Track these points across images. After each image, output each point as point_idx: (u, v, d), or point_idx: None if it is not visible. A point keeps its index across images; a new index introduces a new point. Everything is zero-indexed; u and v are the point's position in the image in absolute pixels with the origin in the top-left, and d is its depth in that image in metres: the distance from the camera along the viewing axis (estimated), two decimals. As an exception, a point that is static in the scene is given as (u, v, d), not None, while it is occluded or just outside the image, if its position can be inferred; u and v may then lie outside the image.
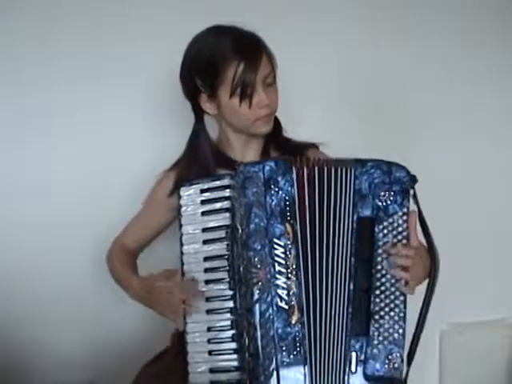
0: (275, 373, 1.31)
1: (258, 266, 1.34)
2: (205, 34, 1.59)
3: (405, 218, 1.37)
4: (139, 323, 2.02)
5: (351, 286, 1.36)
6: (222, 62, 1.52)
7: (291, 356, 1.31)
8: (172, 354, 1.65)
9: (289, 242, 1.35)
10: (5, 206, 2.05)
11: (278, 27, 2.06)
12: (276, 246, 1.35)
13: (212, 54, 1.54)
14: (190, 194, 1.50)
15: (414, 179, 1.39)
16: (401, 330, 1.36)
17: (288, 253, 1.34)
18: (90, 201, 2.07)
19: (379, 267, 1.36)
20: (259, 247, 1.35)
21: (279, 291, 1.33)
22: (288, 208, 1.36)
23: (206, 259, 1.47)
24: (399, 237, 1.37)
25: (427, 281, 1.43)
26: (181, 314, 1.46)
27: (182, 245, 1.50)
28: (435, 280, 1.43)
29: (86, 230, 2.06)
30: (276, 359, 1.31)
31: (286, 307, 1.33)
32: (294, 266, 1.34)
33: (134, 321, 1.97)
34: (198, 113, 1.68)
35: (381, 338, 1.35)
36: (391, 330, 1.35)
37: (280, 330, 1.32)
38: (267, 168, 1.38)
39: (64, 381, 2.09)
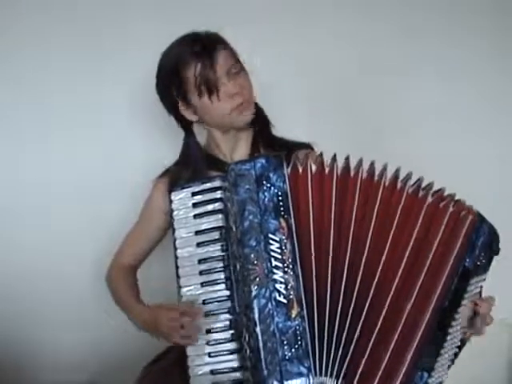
0: (278, 367, 1.27)
1: (255, 262, 1.31)
2: (169, 47, 1.65)
3: (482, 283, 1.41)
4: None
5: (436, 322, 1.35)
6: (182, 67, 1.59)
7: (293, 350, 1.27)
8: (173, 355, 1.62)
9: (284, 237, 1.31)
10: (5, 208, 2.04)
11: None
12: (271, 242, 1.31)
13: (174, 63, 1.61)
14: (182, 198, 1.48)
15: (498, 252, 1.42)
16: (445, 377, 1.38)
17: (283, 247, 1.31)
18: (89, 204, 2.07)
19: (457, 316, 1.37)
20: (254, 243, 1.32)
21: (277, 286, 1.29)
22: (281, 203, 1.33)
23: (200, 261, 1.44)
24: (476, 296, 1.40)
25: None
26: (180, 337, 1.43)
27: (175, 249, 1.46)
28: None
29: (85, 230, 2.06)
30: (278, 354, 1.27)
31: (285, 301, 1.29)
32: (291, 260, 1.31)
33: None
34: (184, 123, 1.71)
35: (433, 379, 1.35)
36: (441, 373, 1.37)
37: (280, 325, 1.28)
38: (258, 165, 1.35)
39: (64, 381, 2.06)
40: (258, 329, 1.30)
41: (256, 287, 1.31)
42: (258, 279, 1.31)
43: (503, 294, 2.28)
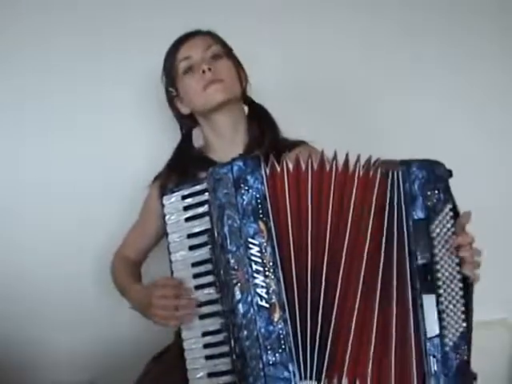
0: (262, 373, 1.25)
1: (236, 267, 1.28)
2: None
3: (451, 213, 1.33)
4: (139, 323, 1.91)
5: (418, 290, 1.31)
6: (170, 59, 1.71)
7: (277, 354, 1.25)
8: (173, 353, 1.60)
9: (263, 240, 1.28)
10: (5, 208, 2.04)
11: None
12: (251, 246, 1.28)
13: (166, 59, 1.73)
14: (173, 202, 1.46)
15: (450, 174, 1.36)
16: (464, 324, 1.31)
17: (264, 251, 1.28)
18: (89, 204, 2.06)
19: (438, 267, 1.32)
20: (235, 248, 1.29)
21: (258, 290, 1.27)
22: (260, 206, 1.30)
23: (193, 265, 1.43)
24: (449, 233, 1.33)
25: None
26: (174, 318, 1.43)
27: (169, 253, 1.45)
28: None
29: (86, 229, 2.05)
30: (262, 359, 1.25)
31: (267, 306, 1.26)
32: (271, 264, 1.28)
33: (134, 321, 1.83)
34: (182, 122, 1.79)
35: (450, 336, 1.31)
36: (457, 326, 1.31)
37: (263, 330, 1.25)
38: (236, 168, 1.31)
39: (64, 381, 2.06)
40: (241, 335, 1.28)
41: (238, 292, 1.29)
42: (239, 284, 1.28)
43: (503, 294, 2.27)
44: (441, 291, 1.31)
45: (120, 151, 2.09)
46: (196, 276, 1.43)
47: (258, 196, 1.31)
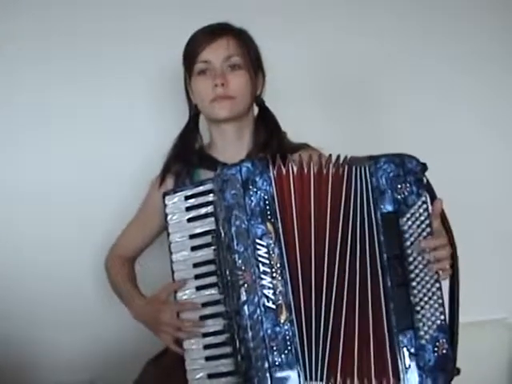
0: (268, 374, 1.24)
1: (243, 268, 1.28)
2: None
3: (424, 206, 1.32)
4: (139, 323, 1.97)
5: (388, 283, 1.30)
6: (191, 53, 1.63)
7: (283, 355, 1.24)
8: (173, 355, 1.58)
9: (271, 242, 1.28)
10: (4, 206, 2.02)
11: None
12: (259, 247, 1.28)
13: (186, 48, 1.66)
14: (175, 202, 1.46)
15: (424, 167, 1.34)
16: (442, 316, 1.30)
17: (271, 252, 1.27)
18: (89, 200, 2.05)
19: (411, 259, 1.31)
20: (242, 249, 1.28)
21: (265, 291, 1.26)
22: (268, 207, 1.30)
23: (195, 265, 1.43)
24: (423, 225, 1.32)
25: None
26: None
27: (171, 253, 1.45)
28: (457, 260, 1.38)
29: (85, 229, 2.04)
30: (268, 360, 1.24)
31: (274, 307, 1.26)
32: (279, 265, 1.27)
33: (134, 321, 1.84)
34: (190, 104, 1.74)
35: (426, 328, 1.29)
36: (434, 318, 1.29)
37: (269, 331, 1.25)
38: (244, 169, 1.31)
39: (64, 381, 2.05)
40: (247, 335, 1.27)
41: (245, 293, 1.28)
42: (246, 285, 1.28)
43: (503, 294, 2.27)
44: (414, 284, 1.31)
45: (120, 151, 2.08)
46: (198, 277, 1.43)
47: (266, 197, 1.31)
